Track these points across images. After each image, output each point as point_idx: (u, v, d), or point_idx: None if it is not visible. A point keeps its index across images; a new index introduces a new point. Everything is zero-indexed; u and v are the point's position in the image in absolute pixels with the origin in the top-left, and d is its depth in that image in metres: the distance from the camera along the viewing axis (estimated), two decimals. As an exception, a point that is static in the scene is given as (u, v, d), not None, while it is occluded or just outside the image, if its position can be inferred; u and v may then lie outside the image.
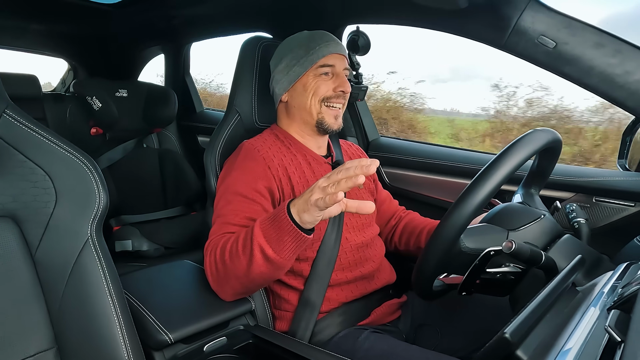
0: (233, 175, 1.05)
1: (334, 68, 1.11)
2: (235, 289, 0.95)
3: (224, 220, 1.00)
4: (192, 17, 1.94)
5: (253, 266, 0.87)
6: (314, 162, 1.15)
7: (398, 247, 1.30)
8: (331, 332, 1.07)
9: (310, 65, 1.10)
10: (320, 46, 1.10)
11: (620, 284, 0.61)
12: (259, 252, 0.86)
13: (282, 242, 0.84)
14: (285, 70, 1.12)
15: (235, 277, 0.91)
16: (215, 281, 0.96)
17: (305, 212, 0.80)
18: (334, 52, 1.11)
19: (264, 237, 0.85)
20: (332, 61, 1.11)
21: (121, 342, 0.74)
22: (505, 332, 0.49)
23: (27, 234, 0.72)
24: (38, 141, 0.72)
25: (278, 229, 0.84)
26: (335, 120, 1.13)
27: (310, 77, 1.10)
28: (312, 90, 1.10)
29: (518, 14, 1.03)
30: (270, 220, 0.85)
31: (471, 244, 0.81)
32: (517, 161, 0.75)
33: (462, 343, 1.10)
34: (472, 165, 1.44)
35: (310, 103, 1.11)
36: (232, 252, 0.90)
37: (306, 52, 1.10)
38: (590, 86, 1.01)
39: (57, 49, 2.44)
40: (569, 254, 0.79)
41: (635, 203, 1.16)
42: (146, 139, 2.25)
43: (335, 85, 1.10)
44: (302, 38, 1.14)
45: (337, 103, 1.12)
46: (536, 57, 1.05)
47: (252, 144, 1.11)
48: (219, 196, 1.06)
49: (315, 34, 1.14)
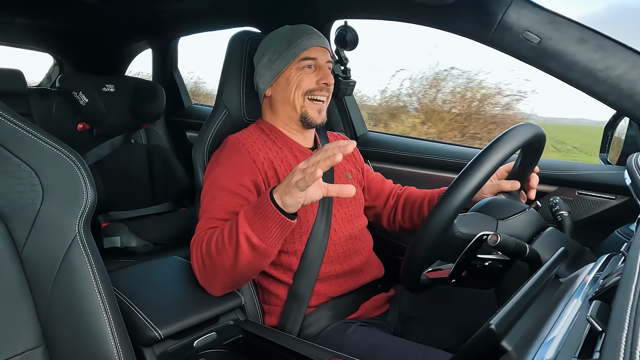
0: (218, 170, 1.05)
1: (316, 61, 1.11)
2: (224, 283, 0.95)
3: (210, 215, 1.00)
4: (179, 11, 1.92)
5: (240, 256, 0.87)
6: (300, 154, 1.15)
7: (403, 225, 1.29)
8: (320, 326, 1.08)
9: (292, 58, 1.10)
10: (302, 39, 1.10)
11: (602, 275, 0.62)
12: (245, 240, 0.86)
13: (267, 228, 0.85)
14: (268, 64, 1.13)
15: (223, 270, 0.92)
16: (203, 276, 0.96)
17: (287, 195, 0.81)
18: (316, 45, 1.11)
19: (248, 226, 0.86)
20: (314, 54, 1.11)
21: (110, 339, 0.74)
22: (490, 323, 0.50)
23: (14, 231, 0.71)
24: (24, 137, 0.72)
25: (262, 215, 0.85)
26: (319, 114, 1.13)
27: (293, 71, 1.10)
28: (295, 83, 1.10)
29: (503, 10, 1.04)
30: (254, 208, 0.87)
31: (465, 229, 0.82)
32: (504, 153, 0.77)
33: (448, 335, 1.11)
34: (459, 159, 1.46)
35: (294, 97, 1.11)
36: (218, 245, 0.90)
37: (288, 46, 1.10)
38: (573, 81, 1.02)
39: (42, 43, 2.40)
40: (552, 246, 0.81)
41: (616, 196, 1.18)
42: (134, 134, 2.23)
43: (318, 78, 1.11)
44: (284, 32, 1.14)
45: (321, 96, 1.12)
46: (521, 53, 1.06)
47: (237, 138, 1.11)
48: (205, 191, 1.06)
49: (297, 28, 1.14)
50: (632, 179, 0.71)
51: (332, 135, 1.33)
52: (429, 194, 1.23)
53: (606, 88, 0.99)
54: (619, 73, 0.97)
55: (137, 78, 2.27)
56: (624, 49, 0.97)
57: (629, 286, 0.41)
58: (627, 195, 1.15)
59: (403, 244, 1.55)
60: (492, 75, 5.59)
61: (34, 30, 2.22)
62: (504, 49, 1.10)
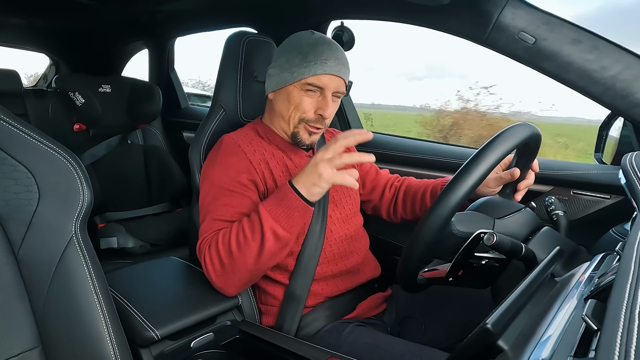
0: (216, 171, 1.05)
1: (322, 90, 1.04)
2: (243, 280, 0.96)
3: (214, 217, 1.00)
4: (175, 11, 1.92)
5: (264, 250, 0.90)
6: (295, 155, 1.14)
7: (405, 217, 1.27)
8: (317, 326, 1.08)
9: (299, 78, 1.03)
10: (316, 62, 1.01)
11: (597, 274, 0.63)
12: (271, 233, 0.90)
13: (292, 218, 0.91)
14: (278, 70, 1.07)
15: (244, 267, 0.93)
16: (220, 277, 0.96)
17: (316, 186, 0.88)
18: (329, 73, 1.02)
19: (273, 219, 0.90)
20: (323, 82, 1.03)
21: (107, 339, 0.74)
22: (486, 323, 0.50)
23: (10, 232, 0.71)
24: (20, 138, 0.71)
25: (287, 207, 0.90)
26: (309, 137, 1.09)
27: (296, 90, 1.04)
28: (294, 103, 1.05)
29: (499, 11, 1.05)
30: (276, 201, 0.91)
31: (462, 227, 0.83)
32: (500, 153, 0.77)
33: (445, 335, 1.12)
34: (456, 159, 1.46)
35: (289, 115, 1.07)
36: (240, 241, 0.91)
37: (300, 62, 1.02)
38: (568, 81, 1.03)
39: (38, 43, 2.39)
40: (548, 245, 0.81)
41: (611, 195, 1.18)
42: (131, 135, 2.23)
43: (317, 107, 1.05)
44: (305, 44, 1.04)
45: (315, 128, 1.08)
46: (516, 53, 1.07)
47: (233, 138, 1.10)
48: (204, 193, 1.05)
49: (320, 45, 1.03)
50: (626, 179, 0.71)
51: (328, 132, 1.33)
52: (430, 184, 1.21)
53: (601, 88, 1.00)
54: (613, 73, 0.98)
55: (133, 78, 2.27)
56: (618, 50, 0.98)
57: (624, 285, 0.42)
58: (621, 195, 1.16)
59: (400, 243, 1.55)
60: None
61: (29, 30, 2.21)
62: (499, 50, 1.10)
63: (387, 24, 1.38)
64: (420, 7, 1.19)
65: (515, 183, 1.02)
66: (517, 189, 1.02)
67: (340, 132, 1.35)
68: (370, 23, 1.48)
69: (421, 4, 1.16)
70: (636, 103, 0.97)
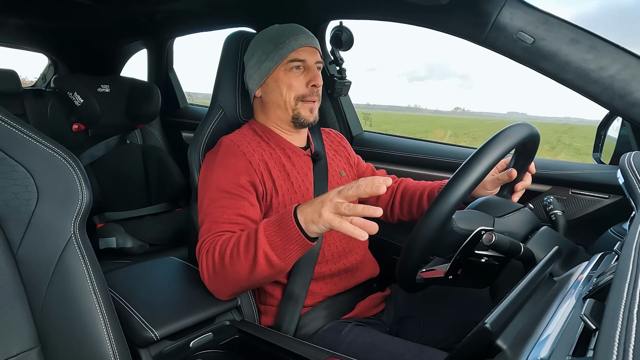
0: (215, 172, 1.05)
1: (304, 62, 1.10)
2: (233, 290, 0.95)
3: (213, 219, 0.99)
4: (174, 11, 1.92)
5: (256, 271, 0.88)
6: (293, 154, 1.14)
7: (402, 219, 1.28)
8: (316, 326, 1.08)
9: (280, 59, 1.08)
10: (289, 40, 1.08)
11: (595, 274, 0.63)
12: (264, 258, 0.86)
13: (288, 250, 0.84)
14: (257, 65, 1.12)
15: (235, 280, 0.91)
16: (212, 282, 0.95)
17: (314, 224, 0.80)
18: (304, 45, 1.10)
19: (269, 245, 0.85)
20: (302, 55, 1.09)
21: (106, 340, 0.74)
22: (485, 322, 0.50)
23: (8, 232, 0.71)
24: (18, 138, 0.71)
25: (285, 236, 0.84)
26: (311, 113, 1.13)
27: (281, 72, 1.09)
28: (284, 85, 1.09)
29: (497, 11, 1.05)
30: (276, 226, 0.85)
31: (463, 224, 0.83)
32: (498, 153, 0.77)
33: (444, 334, 1.12)
34: (455, 159, 1.46)
35: (285, 99, 1.10)
36: (233, 256, 0.89)
37: (276, 47, 1.08)
38: (567, 81, 1.03)
39: (37, 43, 2.39)
40: (546, 245, 0.82)
41: (609, 195, 1.19)
42: (129, 135, 2.23)
43: (307, 80, 1.10)
44: (272, 32, 1.12)
45: (312, 100, 1.12)
46: (515, 53, 1.07)
47: (232, 139, 1.10)
48: (203, 194, 1.05)
49: (285, 28, 1.12)
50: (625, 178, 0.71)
51: (325, 132, 1.33)
52: (428, 186, 1.21)
53: (599, 88, 1.00)
54: (611, 73, 0.98)
55: (132, 78, 2.27)
56: (616, 49, 0.98)
57: (622, 284, 0.42)
58: (620, 195, 1.16)
59: (398, 243, 1.55)
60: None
61: (28, 30, 2.21)
62: (497, 50, 1.10)
63: (389, 24, 1.38)
64: (419, 7, 1.19)
65: (513, 184, 1.02)
66: (515, 190, 1.02)
67: (339, 134, 1.35)
68: (373, 23, 1.48)
69: (420, 4, 1.16)
70: (634, 103, 0.97)
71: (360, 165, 1.34)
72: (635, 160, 0.74)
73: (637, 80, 0.96)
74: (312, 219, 0.80)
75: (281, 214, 0.86)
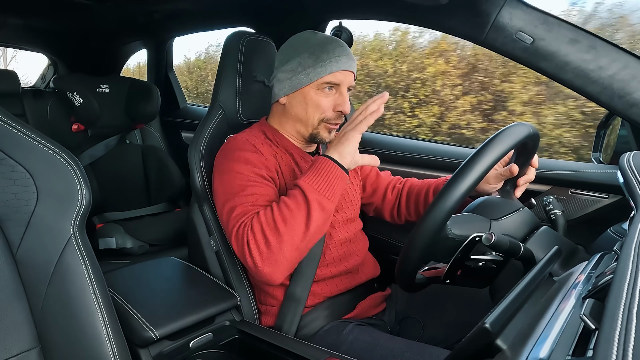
0: (236, 166, 1.02)
1: (338, 86, 1.06)
2: (291, 260, 0.92)
3: (246, 204, 0.96)
4: (174, 11, 1.92)
5: (311, 221, 0.90)
6: (301, 160, 1.13)
7: (409, 218, 1.26)
8: (317, 326, 1.08)
9: (315, 78, 1.04)
10: (330, 60, 1.03)
11: (595, 274, 0.63)
12: (317, 204, 0.90)
13: (333, 186, 0.92)
14: (290, 74, 1.07)
15: (292, 244, 0.90)
16: (267, 260, 0.90)
17: (344, 145, 0.93)
18: (343, 69, 1.04)
19: (316, 190, 0.91)
20: (338, 78, 1.05)
21: (106, 340, 0.74)
22: (485, 322, 0.51)
23: (8, 232, 0.71)
24: (18, 138, 0.71)
25: (326, 176, 0.92)
26: (329, 134, 1.11)
27: (313, 90, 1.05)
28: (312, 104, 1.06)
29: (497, 11, 1.05)
30: (315, 173, 0.92)
31: (457, 230, 0.83)
32: (498, 153, 0.77)
33: (444, 334, 1.12)
34: (456, 159, 1.46)
35: (308, 117, 1.07)
36: (286, 217, 0.90)
37: (314, 63, 1.03)
38: (566, 81, 1.03)
39: (36, 43, 2.39)
40: (546, 245, 0.81)
41: (608, 195, 1.18)
42: (129, 135, 2.23)
43: (336, 104, 1.06)
44: (314, 44, 1.05)
45: (335, 123, 1.09)
46: (514, 53, 1.07)
47: (246, 138, 1.08)
48: (226, 185, 1.02)
49: (328, 43, 1.05)
50: (624, 178, 0.71)
51: None
52: (433, 183, 1.21)
53: (598, 88, 1.00)
54: (610, 73, 0.98)
55: (132, 78, 2.27)
56: (615, 49, 0.98)
57: (621, 284, 0.42)
58: (619, 194, 1.16)
59: (398, 243, 1.55)
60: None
61: (27, 30, 2.20)
62: (497, 49, 1.10)
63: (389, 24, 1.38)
64: (419, 7, 1.19)
65: (515, 179, 1.01)
66: (517, 184, 1.02)
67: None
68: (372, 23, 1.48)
69: (419, 4, 1.16)
70: (633, 103, 0.97)
71: (364, 168, 1.33)
72: (634, 160, 0.74)
73: (637, 80, 0.96)
74: (341, 143, 0.93)
75: (311, 167, 0.95)
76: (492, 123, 3.07)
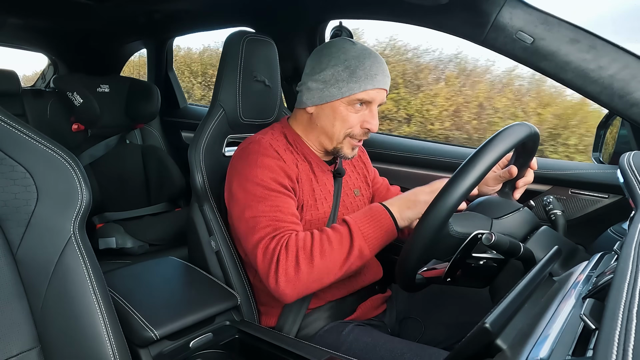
0: (259, 172, 0.99)
1: (370, 103, 1.03)
2: (310, 290, 0.92)
3: (273, 218, 0.94)
4: (174, 11, 1.92)
5: (347, 264, 0.90)
6: (318, 169, 1.11)
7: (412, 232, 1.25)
8: (317, 327, 1.08)
9: (348, 94, 1.00)
10: (367, 77, 1.00)
11: (595, 274, 0.63)
12: (358, 251, 0.89)
13: (380, 239, 0.91)
14: (321, 84, 1.03)
15: (319, 278, 0.90)
16: (290, 283, 0.89)
17: (409, 209, 0.93)
18: (378, 87, 1.01)
19: (364, 238, 0.90)
20: (371, 96, 1.01)
21: (106, 340, 0.74)
22: (485, 322, 0.50)
23: (8, 232, 0.71)
24: (18, 138, 0.71)
25: (379, 228, 0.91)
26: (352, 151, 1.09)
27: (343, 105, 1.02)
28: (340, 118, 1.03)
29: (497, 10, 1.05)
30: (368, 219, 0.92)
31: (459, 228, 0.83)
32: (498, 153, 0.77)
33: (444, 335, 1.12)
34: (456, 159, 1.46)
35: (334, 131, 1.05)
36: (325, 251, 0.89)
37: (349, 78, 1.00)
38: (566, 81, 1.03)
39: (37, 43, 2.39)
40: (546, 245, 0.81)
41: (609, 195, 1.19)
42: (129, 135, 2.23)
43: (364, 120, 1.03)
44: (351, 57, 1.01)
45: (360, 139, 1.07)
46: (514, 53, 1.07)
47: (269, 142, 1.04)
48: (247, 191, 0.99)
49: (365, 57, 1.01)
50: (624, 178, 0.71)
51: None
52: None
53: (598, 88, 1.00)
54: (610, 73, 0.98)
55: (132, 78, 2.27)
56: (615, 49, 0.98)
57: (621, 284, 0.42)
58: (619, 194, 1.16)
59: (398, 243, 1.54)
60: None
61: (27, 30, 2.20)
62: (497, 49, 1.10)
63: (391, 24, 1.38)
64: (419, 7, 1.19)
65: (514, 181, 1.01)
66: (516, 186, 1.02)
67: (361, 147, 1.32)
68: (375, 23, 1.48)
69: (419, 4, 1.16)
70: (633, 102, 0.97)
71: (376, 179, 1.31)
72: (634, 160, 0.74)
73: (637, 80, 0.96)
74: (407, 205, 0.93)
75: (367, 210, 0.94)
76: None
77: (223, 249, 1.13)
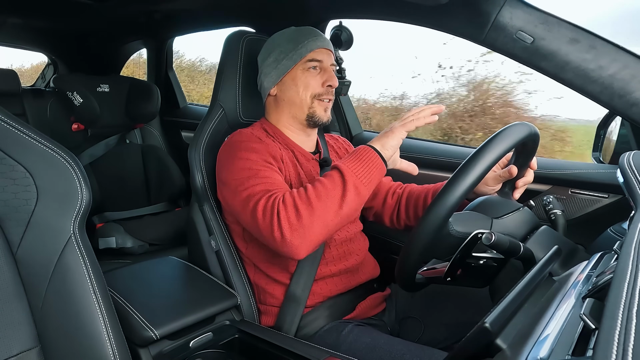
0: (245, 155, 1.02)
1: (321, 63, 1.12)
2: (319, 236, 0.91)
3: (268, 182, 0.97)
4: (174, 11, 1.92)
5: (345, 202, 0.90)
6: (302, 158, 1.15)
7: (409, 223, 1.25)
8: (317, 326, 1.08)
9: (299, 58, 1.10)
10: (308, 40, 1.11)
11: (595, 273, 0.63)
12: (353, 189, 0.90)
13: (371, 174, 0.93)
14: (274, 64, 1.13)
15: (322, 220, 0.89)
16: (295, 231, 0.89)
17: (388, 137, 0.95)
18: (322, 47, 1.12)
19: (355, 175, 0.92)
20: (320, 56, 1.12)
21: (106, 339, 0.74)
22: (485, 321, 0.51)
23: (8, 232, 0.71)
24: (18, 137, 0.71)
25: (367, 164, 0.93)
26: (325, 113, 1.14)
27: (299, 71, 1.11)
28: (302, 84, 1.11)
29: (497, 10, 1.05)
30: (355, 158, 0.94)
31: (460, 227, 0.83)
32: (498, 153, 0.77)
33: (444, 335, 1.12)
34: (456, 159, 1.46)
35: (301, 97, 1.11)
36: (320, 193, 0.90)
37: (295, 46, 1.11)
38: (566, 81, 1.03)
39: (36, 43, 2.39)
40: (546, 244, 0.81)
41: (608, 194, 1.18)
42: (129, 134, 2.23)
43: (324, 80, 1.12)
44: (290, 33, 1.15)
45: (327, 98, 1.13)
46: (514, 53, 1.07)
47: (252, 132, 1.10)
48: (237, 173, 1.01)
49: (303, 29, 1.15)
50: (624, 178, 0.71)
51: (332, 139, 1.33)
52: (432, 188, 1.20)
53: (598, 87, 1.00)
54: (610, 73, 0.98)
55: (132, 78, 2.27)
56: (615, 49, 0.98)
57: (621, 284, 0.42)
58: (619, 194, 1.16)
59: (398, 243, 1.55)
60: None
61: (27, 30, 2.21)
62: (497, 49, 1.10)
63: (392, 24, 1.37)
64: (419, 6, 1.19)
65: (514, 181, 1.01)
66: (516, 186, 1.02)
67: (346, 141, 1.35)
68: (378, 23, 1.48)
69: (419, 4, 1.16)
70: (634, 102, 0.97)
71: None
72: (634, 160, 0.74)
73: (637, 80, 0.96)
74: (386, 136, 0.95)
75: (353, 153, 0.95)
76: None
77: (223, 248, 1.14)
